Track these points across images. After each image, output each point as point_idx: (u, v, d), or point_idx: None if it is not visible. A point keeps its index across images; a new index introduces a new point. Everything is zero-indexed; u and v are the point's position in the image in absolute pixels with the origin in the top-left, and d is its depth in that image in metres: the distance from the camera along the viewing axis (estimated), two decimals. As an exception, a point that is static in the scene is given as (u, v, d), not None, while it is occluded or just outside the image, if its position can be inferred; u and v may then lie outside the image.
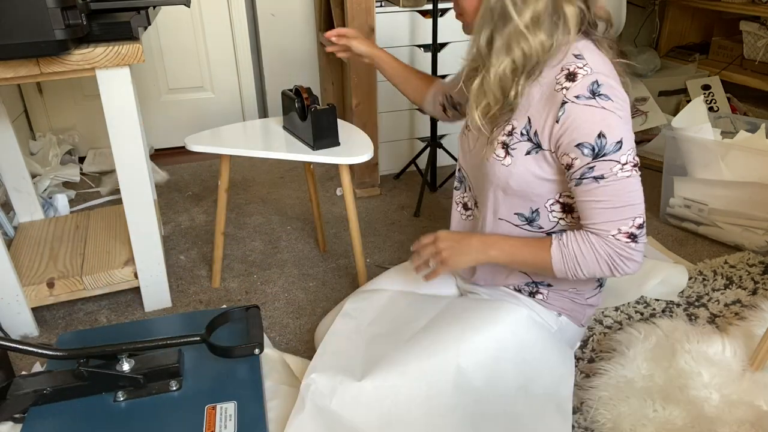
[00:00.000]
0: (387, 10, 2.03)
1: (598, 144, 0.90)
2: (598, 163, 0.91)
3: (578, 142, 0.91)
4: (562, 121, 0.91)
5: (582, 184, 0.94)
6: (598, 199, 0.94)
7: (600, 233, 0.95)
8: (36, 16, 1.02)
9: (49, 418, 0.91)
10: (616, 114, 0.90)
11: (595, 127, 0.90)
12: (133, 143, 1.31)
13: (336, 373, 0.99)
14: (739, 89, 2.62)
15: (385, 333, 1.10)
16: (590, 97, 0.90)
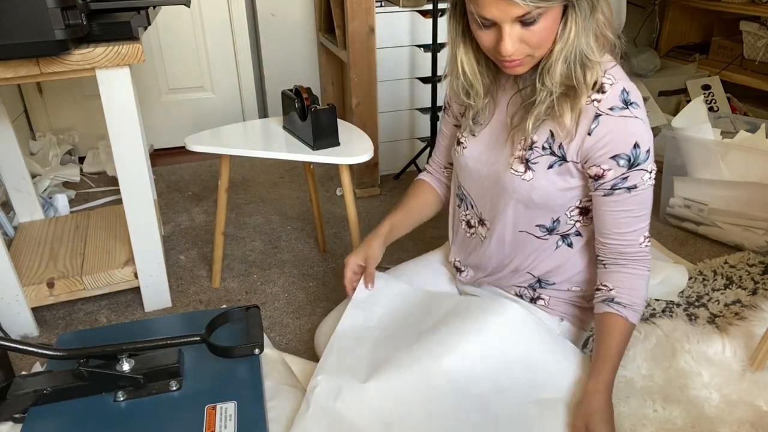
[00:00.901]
0: (387, 10, 2.03)
1: (634, 154, 0.91)
2: (632, 173, 0.92)
3: (614, 153, 0.91)
4: (597, 134, 0.91)
5: (613, 194, 0.94)
6: (628, 209, 0.95)
7: (630, 244, 0.97)
8: (36, 16, 1.02)
9: (49, 418, 0.91)
10: (644, 121, 0.92)
11: (630, 138, 0.90)
12: (133, 143, 1.31)
13: (341, 374, 1.00)
14: (739, 89, 2.62)
15: (391, 333, 1.09)
16: (624, 107, 0.90)
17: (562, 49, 0.88)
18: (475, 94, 1.01)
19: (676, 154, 1.83)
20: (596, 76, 0.90)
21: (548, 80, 0.91)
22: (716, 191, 1.75)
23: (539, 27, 0.84)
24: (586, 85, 0.90)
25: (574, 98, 0.91)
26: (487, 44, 0.90)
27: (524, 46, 0.87)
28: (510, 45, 0.85)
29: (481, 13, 0.84)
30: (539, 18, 0.83)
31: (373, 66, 2.00)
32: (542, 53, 0.89)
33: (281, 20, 2.54)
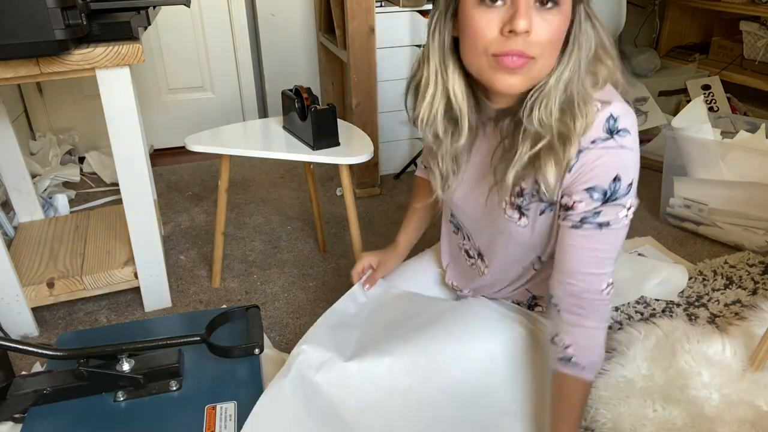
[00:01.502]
0: (387, 10, 2.03)
1: (612, 188, 0.81)
2: (606, 208, 0.82)
3: (589, 186, 0.81)
4: (576, 169, 0.81)
5: (582, 228, 0.84)
6: (596, 247, 0.84)
7: (590, 289, 0.86)
8: (36, 16, 1.02)
9: (49, 418, 0.91)
10: (632, 149, 0.81)
11: (610, 171, 0.80)
12: (133, 143, 1.31)
13: (327, 349, 0.98)
14: (739, 89, 2.62)
15: (385, 322, 1.09)
16: (608, 138, 0.79)
17: (557, 82, 0.77)
18: (458, 130, 0.87)
19: (676, 154, 1.83)
20: (587, 124, 0.78)
21: (535, 121, 0.79)
22: (716, 191, 1.75)
23: (555, 19, 0.73)
24: (576, 134, 0.78)
25: (560, 150, 0.79)
26: (487, 29, 0.74)
27: (535, 38, 0.74)
28: (524, 18, 0.71)
29: None
30: (557, 5, 0.73)
31: (373, 66, 2.00)
32: (544, 66, 0.77)
33: (281, 20, 2.54)
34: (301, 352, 0.97)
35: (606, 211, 0.82)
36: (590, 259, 0.85)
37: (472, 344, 1.02)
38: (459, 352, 1.01)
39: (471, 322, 1.06)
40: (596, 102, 0.79)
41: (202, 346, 1.01)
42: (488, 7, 0.74)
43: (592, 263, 0.85)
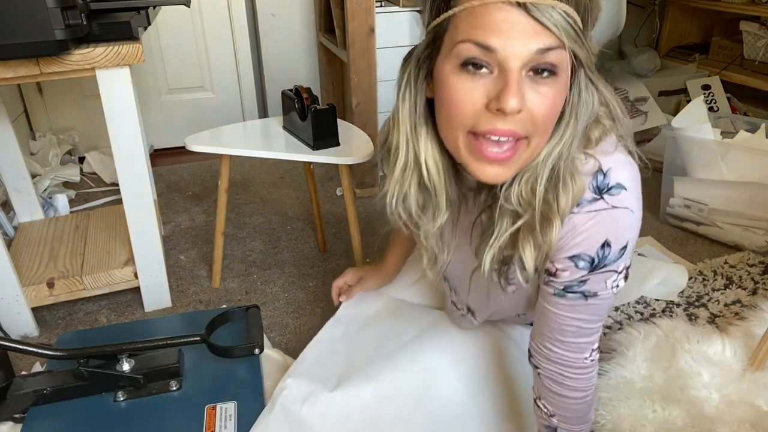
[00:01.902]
0: (387, 10, 2.03)
1: (600, 255, 0.70)
2: (593, 276, 0.71)
3: (573, 254, 0.70)
4: (558, 236, 0.70)
5: (565, 297, 0.74)
6: (579, 317, 0.75)
7: (571, 358, 0.78)
8: (36, 16, 1.01)
9: (49, 418, 0.91)
10: (627, 208, 0.68)
11: (599, 237, 0.69)
12: (133, 143, 1.31)
13: (311, 381, 0.97)
14: (739, 89, 2.62)
15: (369, 343, 1.07)
16: (596, 198, 0.68)
17: (546, 158, 0.66)
18: (435, 208, 0.74)
19: (676, 154, 1.82)
20: (572, 201, 0.67)
21: (513, 198, 0.68)
22: (716, 191, 1.75)
23: (551, 92, 0.61)
24: (559, 215, 0.66)
25: (538, 233, 0.68)
26: (468, 102, 0.61)
27: (527, 116, 0.61)
28: (515, 95, 0.58)
29: (481, 38, 0.58)
30: (554, 75, 0.60)
31: (373, 66, 1.99)
32: (537, 147, 0.64)
33: (281, 20, 2.54)
34: (286, 386, 0.96)
35: (593, 279, 0.72)
36: (573, 329, 0.76)
37: (458, 363, 1.00)
38: (444, 373, 0.99)
39: (458, 338, 1.04)
40: (582, 154, 0.68)
41: (202, 346, 1.01)
42: (471, 75, 0.60)
43: (573, 332, 0.76)
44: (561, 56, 0.59)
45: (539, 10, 0.56)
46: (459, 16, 0.60)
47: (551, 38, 0.58)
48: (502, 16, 0.57)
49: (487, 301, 0.92)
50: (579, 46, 0.60)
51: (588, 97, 0.66)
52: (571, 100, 0.65)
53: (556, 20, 0.57)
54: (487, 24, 0.57)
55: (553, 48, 0.58)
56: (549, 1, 0.57)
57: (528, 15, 0.56)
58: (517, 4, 0.56)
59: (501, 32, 0.57)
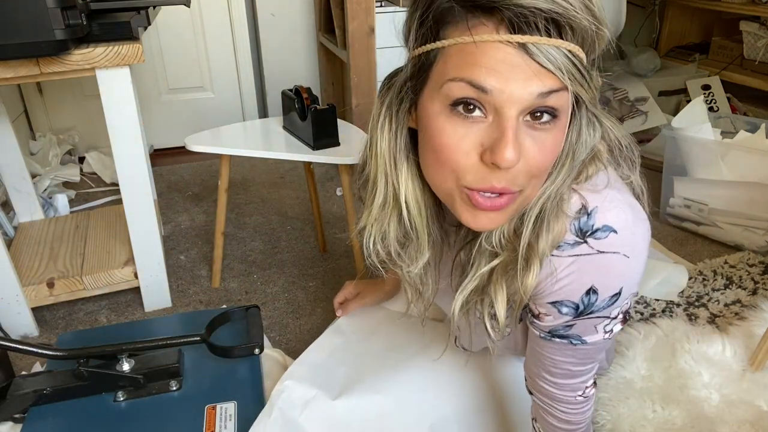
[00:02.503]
0: (387, 10, 2.03)
1: (585, 302, 0.63)
2: (579, 321, 0.65)
3: (555, 300, 0.64)
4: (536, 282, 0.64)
5: (551, 341, 0.69)
6: (569, 360, 0.70)
7: (563, 396, 0.74)
8: (36, 16, 1.02)
9: (49, 418, 0.91)
10: (620, 254, 0.60)
11: (583, 284, 0.62)
12: (133, 143, 1.31)
13: (312, 386, 0.94)
14: (739, 89, 2.62)
15: (373, 353, 1.04)
16: (578, 242, 0.60)
17: (537, 199, 0.60)
18: (416, 249, 0.67)
19: (676, 154, 1.82)
20: (553, 242, 0.60)
21: (494, 239, 0.62)
22: (716, 191, 1.75)
23: (549, 138, 0.54)
24: (539, 256, 0.60)
25: (519, 274, 0.61)
26: (459, 152, 0.54)
27: (524, 166, 0.54)
28: (512, 148, 0.51)
29: (476, 78, 0.51)
30: (554, 119, 0.54)
31: (373, 66, 1.99)
32: (531, 196, 0.58)
33: (281, 20, 2.54)
34: (285, 388, 0.93)
35: (580, 324, 0.65)
36: (561, 371, 0.71)
37: (463, 381, 0.98)
38: (451, 388, 0.97)
39: (464, 357, 1.00)
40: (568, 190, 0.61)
41: (202, 346, 1.01)
42: (462, 119, 0.54)
43: (563, 374, 0.72)
44: (562, 99, 0.53)
45: (541, 51, 0.50)
46: (449, 51, 0.53)
47: (553, 81, 0.52)
48: (500, 56, 0.50)
49: (473, 338, 0.88)
50: (583, 87, 0.54)
51: (588, 136, 0.60)
52: (569, 139, 0.59)
53: (560, 62, 0.51)
54: (483, 63, 0.51)
55: (555, 91, 0.52)
56: (552, 41, 0.50)
57: (528, 56, 0.50)
58: (517, 44, 0.50)
59: (498, 74, 0.50)
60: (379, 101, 0.64)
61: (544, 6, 0.49)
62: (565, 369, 0.71)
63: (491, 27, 0.50)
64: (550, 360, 0.71)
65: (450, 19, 0.53)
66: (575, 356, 0.69)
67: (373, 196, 0.66)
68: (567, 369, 0.71)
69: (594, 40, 0.54)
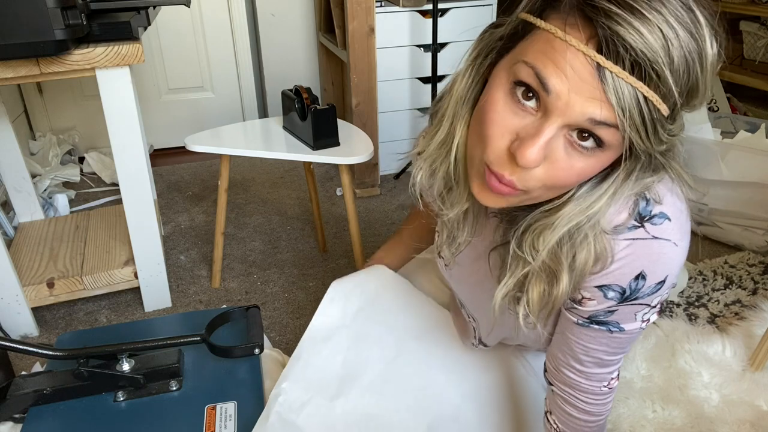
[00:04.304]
0: (387, 10, 2.03)
1: (632, 287, 0.63)
2: (621, 307, 0.65)
3: (603, 283, 0.64)
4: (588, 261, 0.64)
5: (589, 328, 0.68)
6: (602, 349, 0.70)
7: (589, 386, 0.74)
8: (36, 16, 1.02)
9: (49, 418, 0.91)
10: (671, 241, 0.61)
11: (634, 268, 0.62)
12: (133, 143, 1.31)
13: (308, 388, 0.92)
14: (739, 89, 2.62)
15: (370, 341, 1.00)
16: (636, 226, 0.61)
17: (570, 219, 0.59)
18: (457, 198, 0.69)
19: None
20: (592, 256, 0.61)
21: (526, 248, 0.62)
22: (716, 191, 1.75)
23: (583, 163, 0.54)
24: (570, 269, 0.61)
25: (548, 285, 0.63)
26: (498, 131, 0.55)
27: (542, 174, 0.55)
28: (536, 152, 0.52)
29: (545, 72, 0.51)
30: (598, 148, 0.53)
31: (373, 66, 1.99)
32: (539, 199, 0.59)
33: (281, 20, 2.54)
34: (282, 392, 0.92)
35: (622, 310, 0.65)
36: (592, 359, 0.71)
37: (463, 380, 0.97)
38: (449, 390, 0.95)
39: (465, 354, 0.99)
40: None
41: (202, 346, 1.01)
42: (516, 103, 0.54)
43: (594, 362, 0.71)
44: (614, 136, 0.51)
45: (614, 81, 0.48)
46: (540, 35, 0.53)
47: (610, 114, 0.49)
48: (576, 65, 0.49)
49: (494, 330, 0.87)
50: (641, 135, 0.51)
51: (636, 183, 0.58)
52: (617, 177, 0.57)
53: (626, 101, 0.49)
54: (558, 63, 0.50)
55: (608, 125, 0.50)
56: (630, 78, 0.48)
57: (600, 80, 0.49)
58: (597, 64, 0.48)
59: (565, 79, 0.50)
60: (475, 44, 0.64)
61: (638, 46, 0.47)
62: (597, 357, 0.71)
63: (584, 36, 0.49)
64: (583, 348, 0.71)
65: (558, 6, 0.52)
66: (609, 344, 0.69)
67: (436, 131, 0.68)
68: (598, 358, 0.71)
69: (681, 101, 0.52)
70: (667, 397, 1.12)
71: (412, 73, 2.16)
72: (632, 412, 1.09)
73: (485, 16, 2.16)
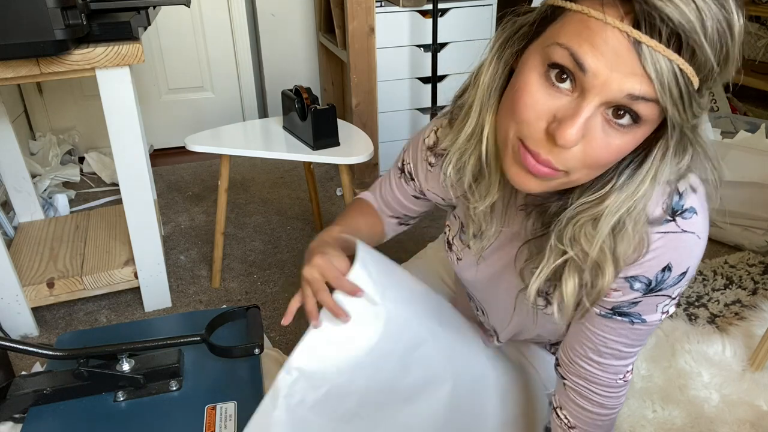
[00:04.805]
0: (387, 10, 2.03)
1: (658, 278, 0.65)
2: (645, 299, 0.66)
3: (631, 275, 0.65)
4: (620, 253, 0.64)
5: (612, 319, 0.69)
6: (621, 341, 0.70)
7: (605, 378, 0.74)
8: (36, 16, 1.02)
9: (49, 418, 0.91)
10: (696, 234, 0.63)
11: (662, 260, 0.64)
12: (133, 143, 1.31)
13: (320, 376, 0.78)
14: (739, 89, 2.62)
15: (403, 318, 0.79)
16: (669, 220, 0.62)
17: (615, 210, 0.59)
18: (486, 187, 0.69)
19: (676, 154, 1.82)
20: (632, 247, 0.61)
21: (566, 239, 0.62)
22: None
23: (620, 140, 0.55)
24: (614, 262, 0.62)
25: (591, 278, 0.63)
26: (533, 111, 0.56)
27: (580, 153, 0.55)
28: (576, 131, 0.53)
29: (581, 52, 0.51)
30: (634, 124, 0.54)
31: (373, 66, 1.99)
32: (578, 181, 0.59)
33: (281, 20, 2.54)
34: (292, 378, 0.78)
35: (645, 302, 0.67)
36: (611, 351, 0.71)
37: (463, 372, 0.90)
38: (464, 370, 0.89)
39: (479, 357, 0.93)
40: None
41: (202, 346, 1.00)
42: (550, 85, 0.55)
43: (611, 354, 0.72)
44: (652, 110, 0.52)
45: (651, 55, 0.49)
46: (572, 17, 0.53)
47: (649, 89, 0.50)
48: (613, 43, 0.50)
49: (512, 322, 0.85)
50: (678, 109, 0.52)
51: (675, 160, 0.58)
52: (655, 156, 0.58)
53: (664, 74, 0.50)
54: (594, 42, 0.51)
55: (647, 99, 0.51)
56: (667, 51, 0.49)
57: (637, 55, 0.49)
58: (634, 40, 0.49)
59: (602, 58, 0.50)
60: (497, 34, 0.64)
61: (675, 17, 0.48)
62: (615, 349, 0.71)
63: (619, 13, 0.50)
64: (602, 339, 0.71)
65: None
66: (629, 336, 0.70)
67: (463, 124, 0.68)
68: (617, 350, 0.71)
69: (714, 73, 0.52)
70: (667, 397, 1.12)
71: (412, 73, 2.16)
72: (632, 412, 1.09)
73: (485, 16, 2.16)
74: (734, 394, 1.13)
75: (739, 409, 1.10)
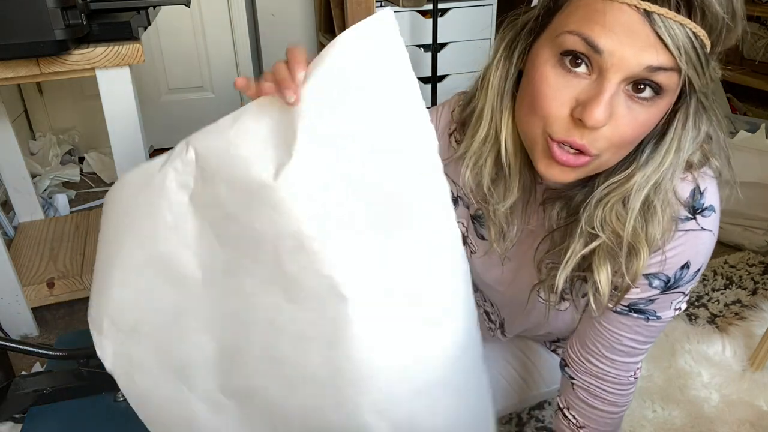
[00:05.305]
0: (387, 10, 2.03)
1: (676, 276, 0.66)
2: (662, 296, 0.67)
3: (652, 272, 0.66)
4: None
5: (628, 316, 0.69)
6: (635, 338, 0.71)
7: (615, 375, 0.74)
8: (36, 16, 1.01)
9: (49, 418, 0.91)
10: (712, 231, 0.64)
11: (683, 257, 0.64)
12: (133, 143, 1.31)
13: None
14: (739, 89, 2.62)
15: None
16: (690, 218, 0.63)
17: (642, 186, 0.59)
18: (505, 191, 0.69)
19: (676, 154, 1.82)
20: (664, 231, 0.61)
21: (596, 222, 0.61)
22: (716, 191, 1.75)
23: (644, 113, 0.55)
24: (648, 243, 0.61)
25: (625, 261, 0.62)
26: (554, 102, 0.56)
27: (609, 132, 0.55)
28: (603, 109, 0.53)
29: (592, 35, 0.52)
30: (656, 96, 0.54)
31: (373, 66, 1.99)
32: (608, 163, 0.59)
33: (281, 20, 2.54)
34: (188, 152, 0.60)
35: (662, 299, 0.67)
36: (625, 348, 0.72)
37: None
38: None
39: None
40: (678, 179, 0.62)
41: (202, 346, 1.00)
42: (566, 72, 0.55)
43: (624, 351, 0.72)
44: (671, 79, 0.53)
45: (664, 23, 0.50)
46: (577, 3, 0.54)
47: (667, 57, 0.51)
48: (623, 19, 0.50)
49: (528, 318, 0.85)
50: (698, 72, 0.53)
51: (695, 128, 0.59)
52: (676, 126, 0.59)
53: (680, 40, 0.50)
54: (603, 22, 0.51)
55: (666, 69, 0.52)
56: (679, 17, 0.50)
57: (650, 26, 0.50)
58: (643, 11, 0.50)
59: (615, 36, 0.51)
60: (500, 37, 0.65)
61: None
62: (628, 346, 0.71)
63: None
64: (616, 336, 0.71)
65: None
66: (643, 333, 0.70)
67: (476, 129, 0.67)
68: (630, 346, 0.72)
69: (723, 31, 0.53)
70: (667, 397, 1.12)
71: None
72: (632, 412, 1.09)
73: (485, 16, 2.16)
74: (734, 394, 1.13)
75: (739, 409, 1.10)
